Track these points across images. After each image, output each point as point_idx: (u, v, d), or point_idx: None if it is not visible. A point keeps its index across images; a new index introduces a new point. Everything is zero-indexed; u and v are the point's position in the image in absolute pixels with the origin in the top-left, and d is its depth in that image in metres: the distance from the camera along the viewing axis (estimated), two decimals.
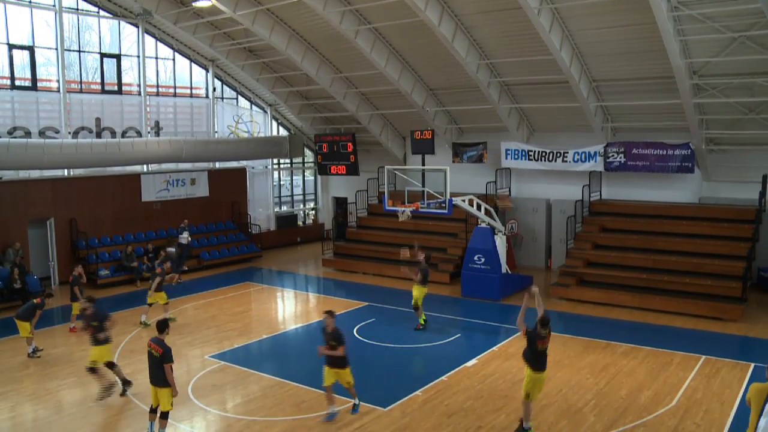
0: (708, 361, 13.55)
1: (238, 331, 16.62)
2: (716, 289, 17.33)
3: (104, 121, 23.85)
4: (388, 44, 21.82)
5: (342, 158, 27.21)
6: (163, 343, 10.08)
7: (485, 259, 19.33)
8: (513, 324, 16.78)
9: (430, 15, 18.21)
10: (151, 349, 10.08)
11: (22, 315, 14.51)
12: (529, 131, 23.71)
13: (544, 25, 17.07)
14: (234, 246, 26.45)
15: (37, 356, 14.60)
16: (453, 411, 11.33)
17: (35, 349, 14.73)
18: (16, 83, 21.54)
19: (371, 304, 19.04)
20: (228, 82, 28.35)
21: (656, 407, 11.27)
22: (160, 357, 9.94)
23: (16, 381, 13.23)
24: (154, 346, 10.04)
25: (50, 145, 20.71)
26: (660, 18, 15.09)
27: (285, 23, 22.44)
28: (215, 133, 27.57)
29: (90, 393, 12.25)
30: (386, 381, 13.09)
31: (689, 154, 19.82)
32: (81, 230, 22.47)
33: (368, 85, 24.77)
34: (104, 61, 23.97)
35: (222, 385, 12.82)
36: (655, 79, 18.69)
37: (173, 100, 26.48)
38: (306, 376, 13.02)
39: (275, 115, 30.39)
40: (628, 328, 16.23)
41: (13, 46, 21.31)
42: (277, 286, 22.81)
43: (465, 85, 22.36)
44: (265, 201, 30.37)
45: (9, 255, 20.12)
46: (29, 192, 21.58)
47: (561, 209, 22.65)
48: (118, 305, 18.52)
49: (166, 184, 25.49)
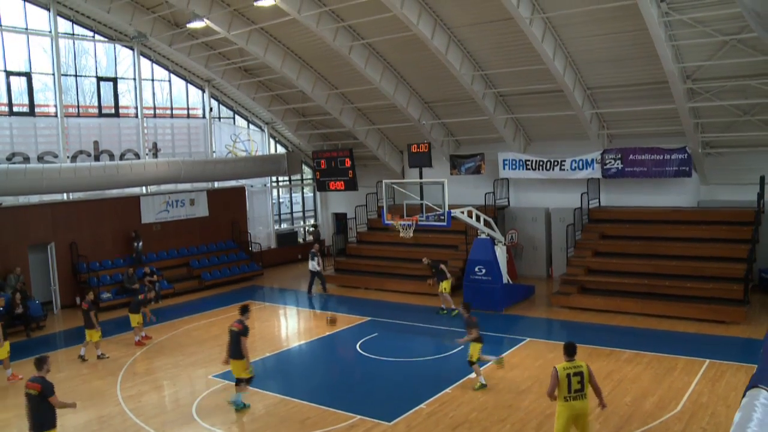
0: (712, 364, 13.50)
1: None
2: (718, 292, 17.30)
3: (102, 144, 23.95)
4: (382, 59, 21.95)
5: (340, 174, 27.26)
6: (42, 379, 9.45)
7: (486, 270, 19.32)
8: (515, 334, 16.85)
9: (422, 29, 18.34)
10: (29, 390, 9.36)
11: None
12: (525, 141, 23.78)
13: (536, 34, 17.19)
14: (235, 265, 26.43)
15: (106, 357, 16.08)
16: (458, 423, 11.28)
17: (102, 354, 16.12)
18: (14, 109, 21.67)
19: (374, 319, 19.01)
20: (224, 101, 28.49)
21: (661, 413, 11.22)
22: (39, 394, 9.28)
23: (20, 407, 13.15)
24: (32, 385, 9.33)
25: (49, 170, 20.77)
26: (651, 24, 15.20)
27: (279, 41, 22.60)
28: (213, 153, 27.65)
29: (91, 418, 12.21)
30: (390, 395, 13.03)
31: (686, 158, 19.88)
32: (81, 254, 22.48)
33: (364, 100, 24.88)
34: (101, 85, 24.13)
35: (226, 404, 12.77)
36: (649, 84, 18.79)
37: (170, 121, 26.60)
38: (310, 392, 12.99)
39: (272, 133, 30.50)
40: (631, 335, 16.19)
41: (10, 73, 21.47)
42: (279, 304, 22.79)
43: (460, 97, 22.46)
44: (264, 219, 30.41)
45: (10, 280, 20.11)
46: (29, 217, 21.63)
47: (560, 217, 22.67)
48: (119, 328, 18.49)
49: (165, 205, 25.54)
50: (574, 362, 8.98)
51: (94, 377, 14.78)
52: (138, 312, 17.22)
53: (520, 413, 11.54)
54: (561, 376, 8.81)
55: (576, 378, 8.82)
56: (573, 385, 8.79)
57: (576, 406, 8.85)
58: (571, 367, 8.89)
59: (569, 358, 9.02)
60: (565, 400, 8.83)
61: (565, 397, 8.82)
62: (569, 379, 8.80)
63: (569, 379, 8.80)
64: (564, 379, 8.80)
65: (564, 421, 8.89)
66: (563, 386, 8.81)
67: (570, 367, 8.90)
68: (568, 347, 9.12)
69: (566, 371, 8.84)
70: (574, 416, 8.90)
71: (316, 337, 17.67)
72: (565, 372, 8.83)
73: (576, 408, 8.86)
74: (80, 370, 15.13)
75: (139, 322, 17.33)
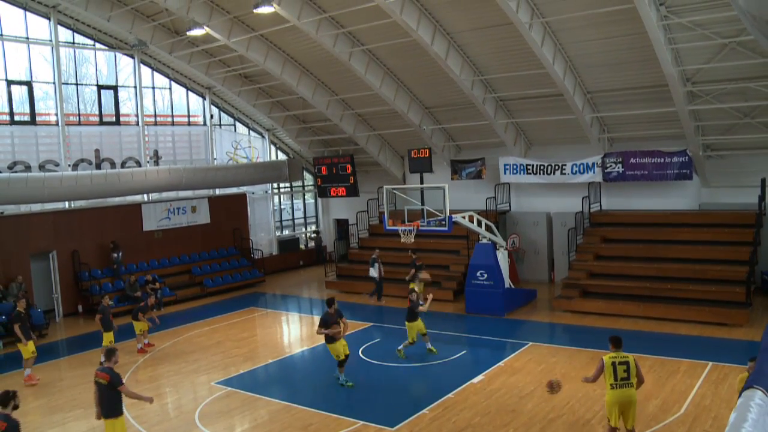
0: (715, 367, 13.49)
1: (244, 357, 16.57)
2: (720, 294, 17.28)
3: (103, 152, 24.01)
4: (382, 65, 22.00)
5: (341, 180, 27.30)
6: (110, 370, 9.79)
7: (488, 275, 19.32)
8: (517, 338, 16.82)
9: (422, 34, 18.38)
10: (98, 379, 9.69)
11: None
12: (526, 145, 23.80)
13: (536, 39, 17.22)
14: (237, 272, 26.44)
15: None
16: (461, 428, 11.26)
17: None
18: (15, 118, 21.74)
19: (376, 324, 19.01)
20: (225, 108, 28.54)
21: (665, 416, 11.20)
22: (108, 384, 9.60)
23: (21, 415, 13.14)
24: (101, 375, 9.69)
25: (50, 179, 20.82)
26: (650, 27, 15.23)
27: (279, 48, 22.66)
28: (214, 160, 27.70)
29: (94, 426, 12.19)
30: (393, 400, 13.02)
31: (687, 161, 19.88)
32: (83, 262, 22.50)
33: (364, 106, 24.92)
34: (102, 93, 24.20)
35: (229, 411, 12.76)
36: (649, 88, 18.81)
37: (171, 128, 26.66)
38: (313, 399, 12.99)
39: (273, 140, 30.54)
40: (633, 338, 16.04)
41: (11, 82, 21.54)
42: (282, 311, 22.79)
43: (460, 102, 22.50)
44: (266, 226, 30.42)
45: (12, 289, 20.12)
46: (31, 226, 21.66)
47: (562, 222, 22.66)
48: (122, 335, 18.46)
49: (167, 213, 25.58)
50: (620, 353, 9.52)
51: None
52: (138, 319, 17.22)
53: (523, 418, 11.52)
54: (607, 365, 9.36)
55: (622, 367, 9.35)
56: (619, 373, 9.32)
57: (623, 393, 9.32)
58: (617, 357, 9.44)
59: (616, 349, 9.57)
60: (612, 387, 9.35)
61: (612, 384, 9.34)
62: (614, 368, 9.35)
63: (614, 367, 9.36)
64: (610, 367, 9.36)
65: (611, 406, 9.41)
66: (609, 374, 9.34)
67: (616, 356, 9.45)
68: (615, 339, 9.69)
69: (612, 360, 9.41)
70: (622, 403, 9.35)
71: (318, 344, 17.64)
72: (611, 361, 9.40)
73: (623, 395, 9.33)
74: (85, 377, 15.10)
75: (143, 329, 17.35)
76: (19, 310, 15.53)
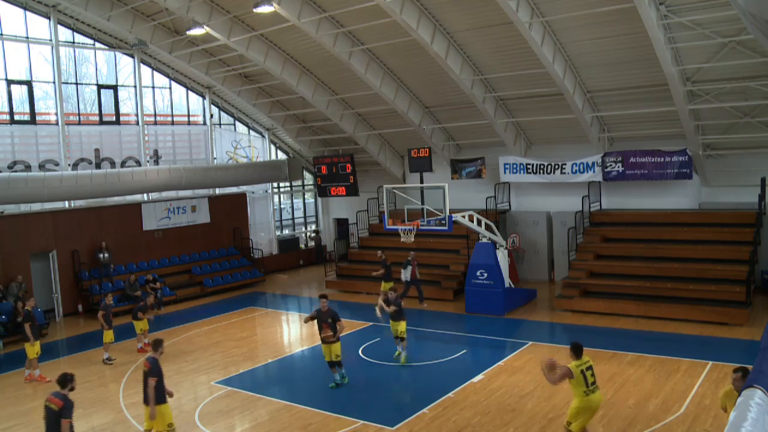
0: (715, 366, 13.48)
1: (244, 356, 16.57)
2: (720, 294, 17.27)
3: (103, 151, 23.99)
4: (382, 64, 21.99)
5: (341, 179, 27.31)
6: (65, 397, 9.07)
7: (488, 275, 19.31)
8: (517, 338, 16.83)
9: (422, 33, 18.37)
10: (50, 403, 8.96)
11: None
12: (526, 145, 23.79)
13: (535, 38, 17.21)
14: (237, 271, 26.44)
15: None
16: (461, 427, 11.26)
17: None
18: (15, 118, 21.72)
19: (376, 324, 18.98)
20: (225, 108, 28.53)
21: (665, 415, 11.20)
22: (59, 411, 8.87)
23: (22, 415, 13.18)
24: (54, 400, 8.96)
25: (50, 178, 20.80)
26: (650, 27, 15.22)
27: (279, 48, 22.65)
28: (214, 159, 27.69)
29: (93, 425, 12.21)
30: (393, 399, 13.03)
31: (687, 160, 19.87)
32: (83, 261, 22.50)
33: (364, 105, 24.92)
34: (101, 93, 24.18)
35: (229, 410, 12.76)
36: (649, 87, 18.79)
37: (171, 128, 26.65)
38: (313, 398, 12.99)
39: (273, 139, 30.54)
40: (633, 337, 16.16)
41: (11, 82, 21.52)
42: (281, 310, 22.79)
43: (460, 102, 22.50)
44: (266, 225, 30.41)
45: (12, 289, 20.13)
46: (31, 225, 21.66)
47: (562, 221, 22.65)
48: (122, 335, 18.46)
49: (167, 212, 25.57)
50: (583, 359, 9.44)
51: (97, 384, 14.79)
52: (138, 318, 17.23)
53: (523, 417, 11.53)
54: (576, 374, 9.21)
55: (589, 372, 9.33)
56: (588, 378, 9.28)
57: (596, 398, 9.34)
58: (582, 364, 9.36)
59: (578, 357, 9.44)
60: (585, 394, 9.26)
61: (585, 391, 9.25)
62: (584, 375, 9.27)
63: (584, 375, 9.27)
64: (579, 375, 9.24)
65: (581, 413, 9.34)
66: (580, 382, 9.24)
67: (581, 363, 9.36)
68: (576, 347, 9.55)
69: (579, 368, 9.29)
70: (593, 408, 9.40)
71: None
72: (579, 369, 9.27)
73: (596, 400, 9.35)
74: (85, 376, 15.09)
75: (143, 329, 17.35)
76: (28, 309, 15.56)
